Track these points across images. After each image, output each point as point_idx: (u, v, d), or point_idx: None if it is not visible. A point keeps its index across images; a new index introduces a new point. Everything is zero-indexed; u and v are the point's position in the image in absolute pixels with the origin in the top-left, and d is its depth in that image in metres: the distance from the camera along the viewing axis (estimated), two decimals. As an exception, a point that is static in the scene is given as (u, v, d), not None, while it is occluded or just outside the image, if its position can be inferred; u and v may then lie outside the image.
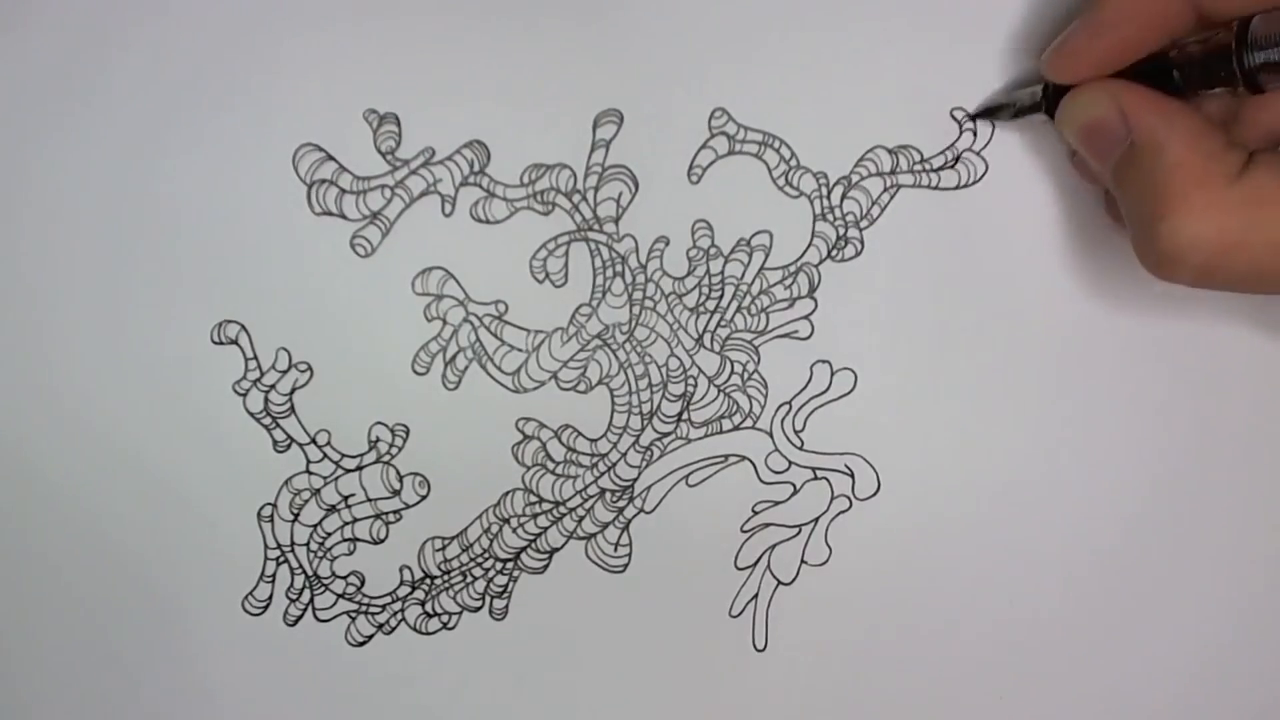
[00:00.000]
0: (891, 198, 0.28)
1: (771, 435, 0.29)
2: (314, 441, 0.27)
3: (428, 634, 0.28)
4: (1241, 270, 0.23)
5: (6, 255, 0.25)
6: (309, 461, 0.27)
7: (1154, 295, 0.29)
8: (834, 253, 0.28)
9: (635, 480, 0.28)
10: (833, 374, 0.29)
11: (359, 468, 0.27)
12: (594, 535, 0.28)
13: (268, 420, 0.26)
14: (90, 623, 0.26)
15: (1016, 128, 0.27)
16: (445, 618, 0.28)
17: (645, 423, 0.28)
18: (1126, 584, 0.31)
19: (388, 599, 0.28)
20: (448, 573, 0.28)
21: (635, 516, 0.28)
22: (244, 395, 0.26)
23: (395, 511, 0.27)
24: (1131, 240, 0.24)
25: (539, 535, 0.28)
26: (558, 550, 0.28)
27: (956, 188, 0.28)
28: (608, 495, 0.28)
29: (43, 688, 0.27)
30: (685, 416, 0.28)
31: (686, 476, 0.29)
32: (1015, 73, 0.28)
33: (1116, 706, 0.32)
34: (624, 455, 0.28)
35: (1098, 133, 0.25)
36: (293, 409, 0.26)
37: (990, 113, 0.28)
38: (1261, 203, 0.23)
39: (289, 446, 0.26)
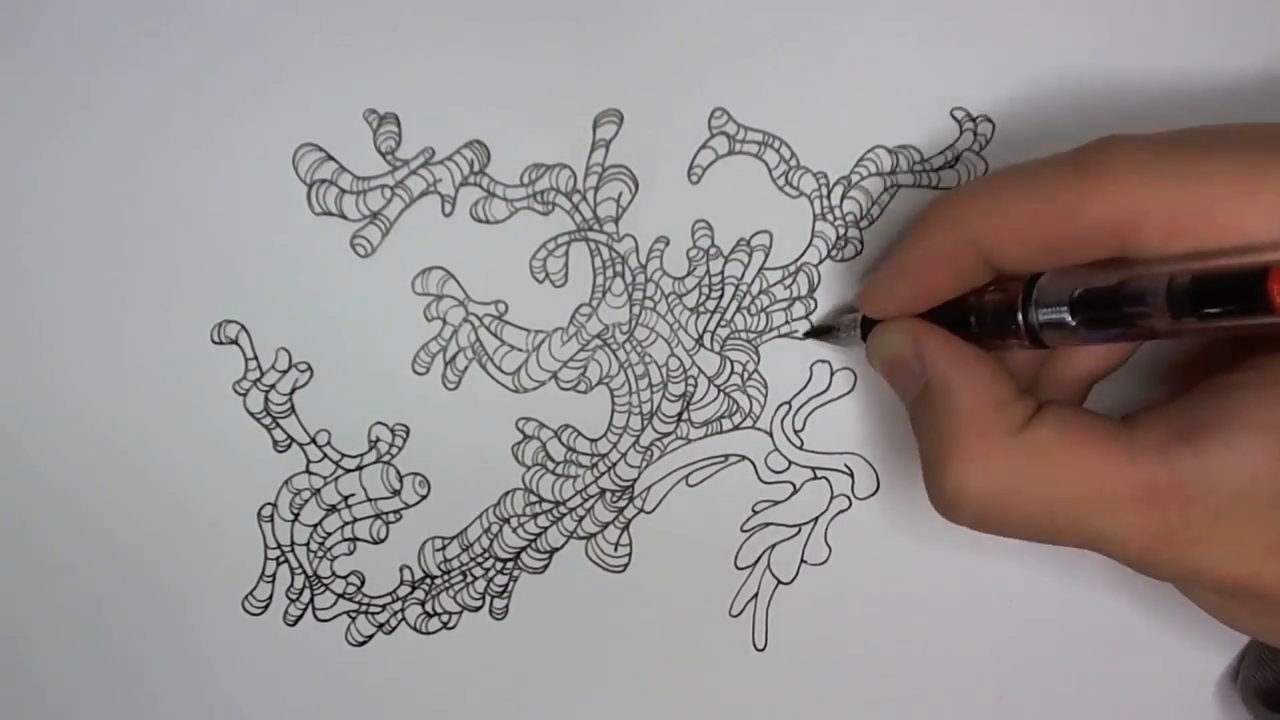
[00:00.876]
0: (891, 198, 0.28)
1: (771, 435, 0.29)
2: (314, 441, 0.27)
3: (428, 634, 0.28)
4: (1015, 521, 0.23)
5: (7, 255, 0.24)
6: (309, 461, 0.27)
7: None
8: (834, 253, 0.28)
9: (635, 480, 0.28)
10: (833, 374, 0.29)
11: (359, 468, 0.27)
12: (594, 535, 0.28)
13: (268, 420, 0.26)
14: (90, 622, 0.26)
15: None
16: (445, 617, 0.28)
17: (645, 423, 0.28)
18: (1127, 583, 0.31)
19: (388, 599, 0.28)
20: (448, 573, 0.28)
21: (635, 516, 0.28)
22: (244, 395, 0.26)
23: (395, 511, 0.27)
24: (925, 484, 0.24)
25: (539, 535, 0.28)
26: (558, 550, 0.28)
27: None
28: (608, 495, 0.28)
29: (42, 687, 0.27)
30: (685, 416, 0.28)
31: (686, 476, 0.29)
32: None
33: (1116, 706, 0.32)
34: (624, 455, 0.28)
35: (897, 370, 0.26)
36: (293, 409, 0.26)
37: (818, 334, 0.28)
38: (1037, 457, 0.23)
39: (289, 446, 0.26)
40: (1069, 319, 0.23)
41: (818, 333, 0.28)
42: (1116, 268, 0.22)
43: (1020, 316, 0.24)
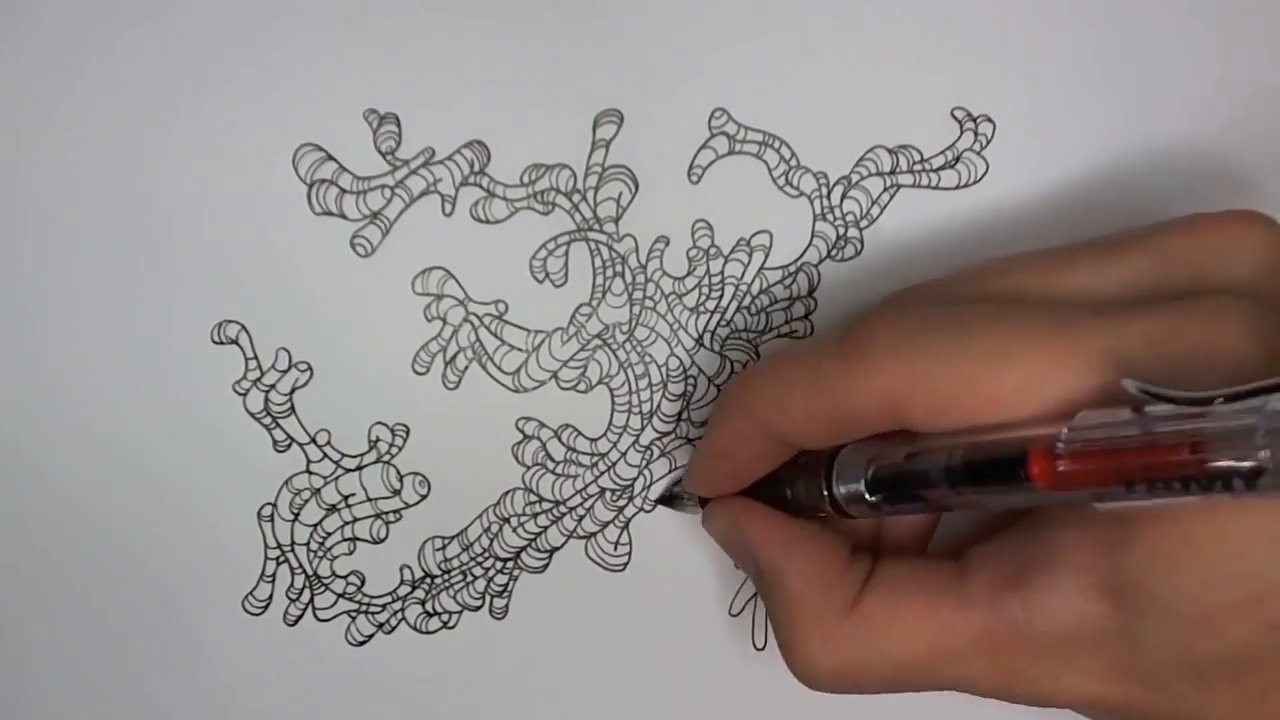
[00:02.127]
0: (891, 198, 0.28)
1: (771, 435, 0.29)
2: (314, 441, 0.27)
3: (428, 633, 0.28)
4: (871, 686, 0.24)
5: (5, 255, 0.24)
6: (309, 461, 0.27)
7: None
8: (834, 253, 0.28)
9: (635, 480, 0.28)
10: (833, 374, 0.29)
11: (359, 467, 0.27)
12: (594, 535, 0.28)
13: (268, 420, 0.26)
14: (89, 622, 0.26)
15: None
16: (445, 617, 0.28)
17: (645, 422, 0.28)
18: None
19: (388, 598, 0.28)
20: (448, 572, 0.28)
21: (635, 516, 0.29)
22: (244, 395, 0.26)
23: (395, 511, 0.27)
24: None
25: (539, 535, 0.28)
26: (558, 549, 0.28)
27: (956, 188, 0.28)
28: (608, 495, 0.28)
29: (42, 687, 0.27)
30: (685, 416, 0.28)
31: (686, 476, 0.29)
32: None
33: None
34: (624, 455, 0.28)
35: (731, 549, 0.27)
36: (293, 409, 0.26)
37: (665, 502, 0.29)
38: (872, 631, 0.24)
39: (289, 446, 0.26)
40: (867, 496, 0.24)
41: (664, 501, 0.29)
42: (908, 440, 0.23)
43: (825, 492, 0.25)
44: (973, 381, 0.22)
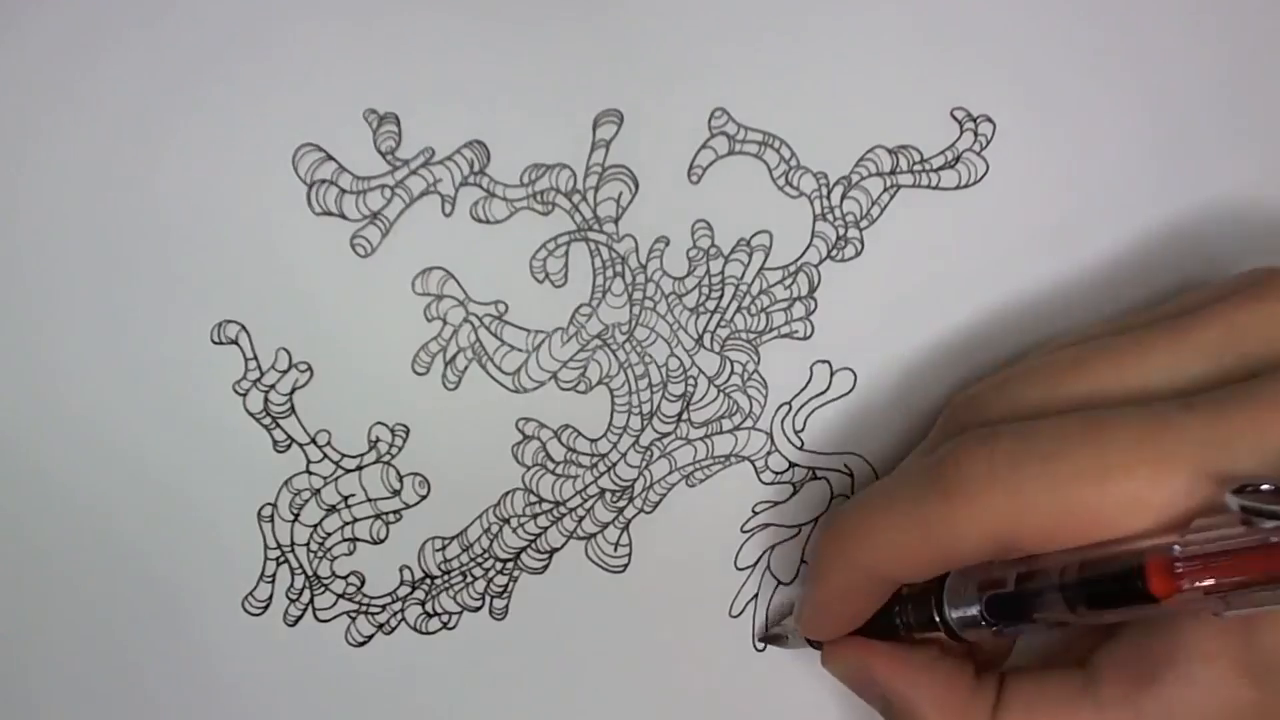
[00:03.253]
0: (891, 198, 0.28)
1: (771, 435, 0.29)
2: (314, 441, 0.27)
3: (428, 634, 0.28)
4: None
5: (4, 255, 0.24)
6: (309, 461, 0.27)
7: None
8: (834, 253, 0.28)
9: (635, 480, 0.28)
10: (833, 374, 0.29)
11: (359, 468, 0.27)
12: (594, 535, 0.28)
13: (268, 420, 0.26)
14: (90, 622, 0.26)
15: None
16: (445, 618, 0.28)
17: (645, 423, 0.28)
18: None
19: (388, 599, 0.28)
20: (448, 573, 0.28)
21: (635, 516, 0.28)
22: (244, 395, 0.26)
23: (395, 511, 0.27)
24: None
25: (539, 535, 0.28)
26: (558, 550, 0.28)
27: (956, 188, 0.28)
28: (608, 495, 0.28)
29: (42, 687, 0.27)
30: (685, 416, 0.28)
31: (686, 476, 0.29)
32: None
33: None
34: (624, 455, 0.28)
35: (858, 687, 0.27)
36: (293, 409, 0.26)
37: (771, 640, 0.29)
38: None
39: (289, 446, 0.26)
40: (981, 619, 0.24)
41: (770, 640, 0.29)
42: (1017, 562, 0.23)
43: (938, 619, 0.25)
44: (1079, 505, 0.22)
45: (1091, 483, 0.22)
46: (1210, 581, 0.20)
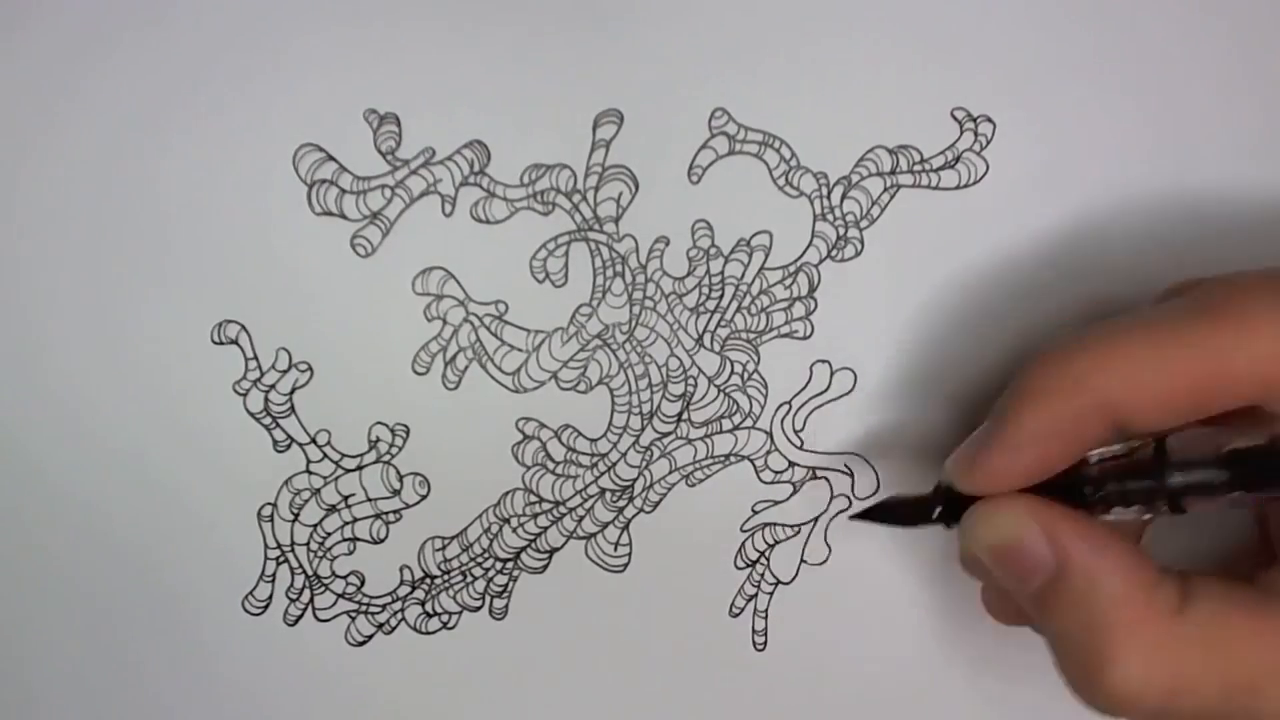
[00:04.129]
0: (891, 198, 0.28)
1: (771, 435, 0.29)
2: (314, 441, 0.27)
3: (428, 634, 0.28)
4: (1189, 711, 0.22)
5: (5, 256, 0.24)
6: (309, 461, 0.27)
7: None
8: (834, 253, 0.28)
9: (635, 480, 0.28)
10: (833, 374, 0.29)
11: (359, 467, 0.27)
12: (594, 535, 0.28)
13: (268, 420, 0.26)
14: (90, 622, 0.26)
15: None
16: (445, 617, 0.28)
17: (645, 423, 0.28)
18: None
19: (388, 599, 0.28)
20: (448, 572, 0.28)
21: (635, 516, 0.28)
22: (244, 395, 0.26)
23: (395, 511, 0.27)
24: (1065, 675, 0.23)
25: (539, 535, 0.28)
26: (558, 550, 0.28)
27: (956, 188, 0.28)
28: (608, 495, 0.28)
29: (42, 687, 0.27)
30: (685, 416, 0.28)
31: (686, 476, 0.29)
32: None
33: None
34: (624, 455, 0.28)
35: (1016, 557, 0.23)
36: (293, 409, 0.26)
37: (876, 514, 0.26)
38: (1210, 643, 0.21)
39: (289, 446, 0.26)
40: (1222, 480, 0.21)
41: (872, 514, 0.26)
42: (1243, 422, 0.21)
43: (1158, 482, 0.22)
44: None
45: None
46: None
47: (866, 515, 0.27)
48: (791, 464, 0.29)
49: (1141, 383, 0.21)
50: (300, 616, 0.27)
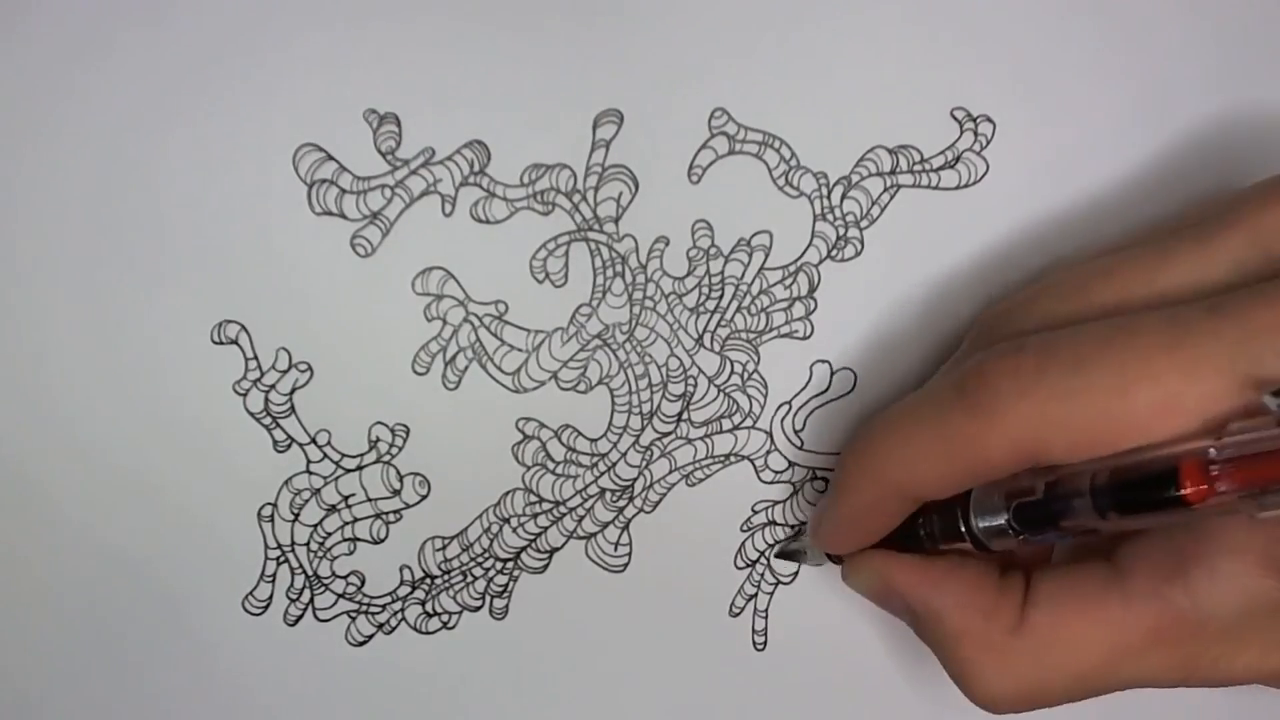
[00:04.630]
0: (891, 198, 0.28)
1: (771, 435, 0.29)
2: (314, 441, 0.27)
3: (428, 634, 0.28)
4: (1055, 699, 0.25)
5: (4, 256, 0.24)
6: (309, 461, 0.27)
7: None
8: (834, 253, 0.28)
9: (635, 480, 0.28)
10: (833, 374, 0.29)
11: (359, 467, 0.27)
12: (594, 535, 0.28)
13: (268, 420, 0.26)
14: (90, 623, 0.26)
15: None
16: (445, 617, 0.28)
17: (645, 423, 0.28)
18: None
19: (388, 599, 0.28)
20: (448, 572, 0.28)
21: (635, 516, 0.29)
22: (244, 395, 0.26)
23: (395, 511, 0.27)
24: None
25: (539, 535, 0.28)
26: (558, 550, 0.28)
27: (956, 188, 0.28)
28: (608, 495, 0.28)
29: (42, 687, 0.27)
30: (685, 416, 0.28)
31: (686, 476, 0.29)
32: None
33: (1115, 707, 0.32)
34: (624, 455, 0.28)
35: (881, 600, 0.27)
36: (293, 409, 0.26)
37: (786, 557, 0.29)
38: (1046, 647, 0.24)
39: (289, 446, 0.26)
40: (1009, 529, 0.24)
41: (786, 555, 0.29)
42: (1043, 472, 0.23)
43: (964, 529, 0.25)
44: (1108, 412, 0.21)
45: (1118, 392, 0.21)
46: (1241, 485, 0.20)
47: (784, 557, 0.30)
48: (791, 464, 0.29)
49: (923, 470, 0.24)
50: (300, 616, 0.27)
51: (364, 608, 0.28)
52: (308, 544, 0.27)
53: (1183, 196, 0.30)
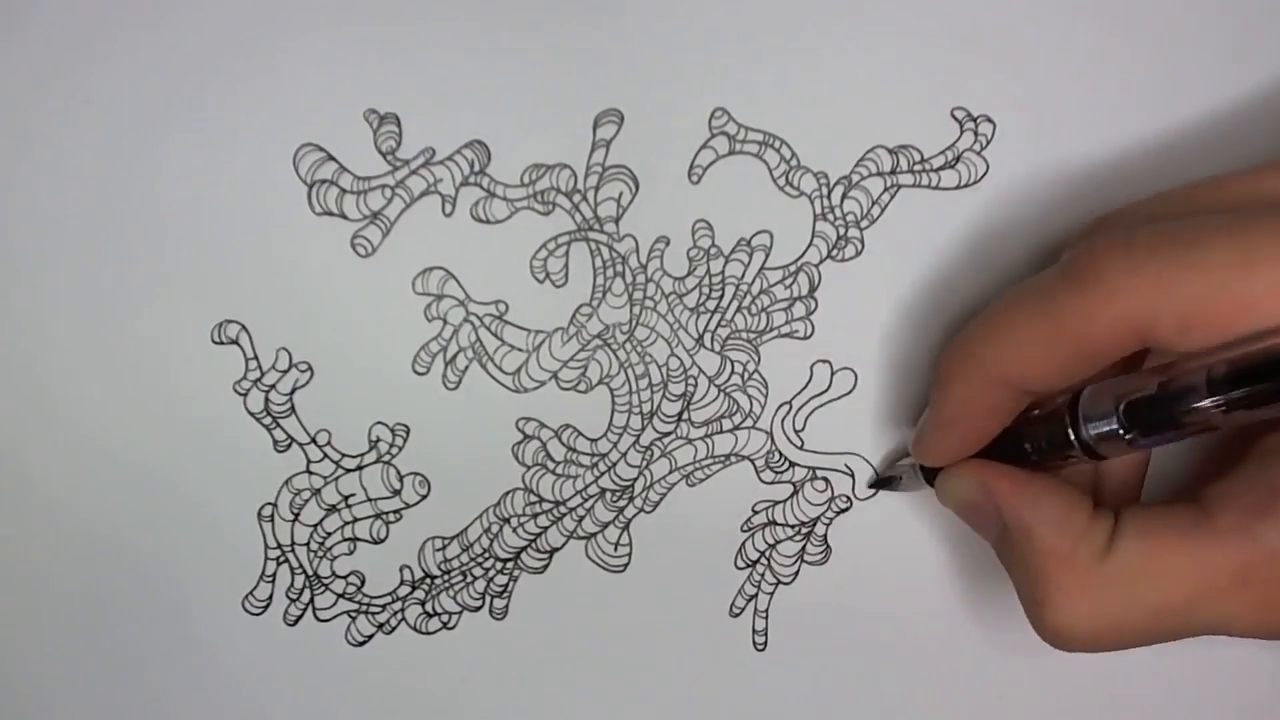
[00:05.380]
0: (892, 198, 0.28)
1: (771, 435, 0.29)
2: (314, 441, 0.27)
3: (428, 634, 0.28)
4: (1128, 639, 0.24)
5: (5, 256, 0.24)
6: (309, 461, 0.27)
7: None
8: (834, 253, 0.28)
9: (635, 480, 0.28)
10: (833, 374, 0.29)
11: (359, 467, 0.27)
12: (594, 535, 0.28)
13: (268, 420, 0.26)
14: (91, 622, 0.26)
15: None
16: (445, 617, 0.28)
17: (645, 423, 0.28)
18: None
19: (388, 599, 0.28)
20: (448, 572, 0.28)
21: (635, 516, 0.29)
22: (244, 395, 0.26)
23: (395, 511, 0.27)
24: (1024, 610, 0.25)
25: (539, 535, 0.28)
26: (558, 550, 0.28)
27: (956, 188, 0.28)
28: (608, 495, 0.28)
29: (43, 687, 0.27)
30: (685, 416, 0.28)
31: (686, 476, 0.29)
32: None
33: (1115, 707, 0.32)
34: (624, 455, 0.28)
35: (973, 513, 0.26)
36: (293, 409, 0.26)
37: (883, 485, 0.29)
38: (1132, 578, 0.24)
39: (289, 446, 0.26)
40: (1121, 431, 0.23)
41: (882, 484, 0.29)
42: (1158, 368, 0.23)
43: (1073, 437, 0.24)
44: (1221, 289, 0.21)
45: (1236, 268, 0.21)
46: None
47: (878, 486, 0.29)
48: (791, 464, 0.29)
49: (1028, 356, 0.23)
50: (300, 616, 0.27)
51: (364, 608, 0.28)
52: (308, 544, 0.27)
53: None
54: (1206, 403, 0.21)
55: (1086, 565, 0.24)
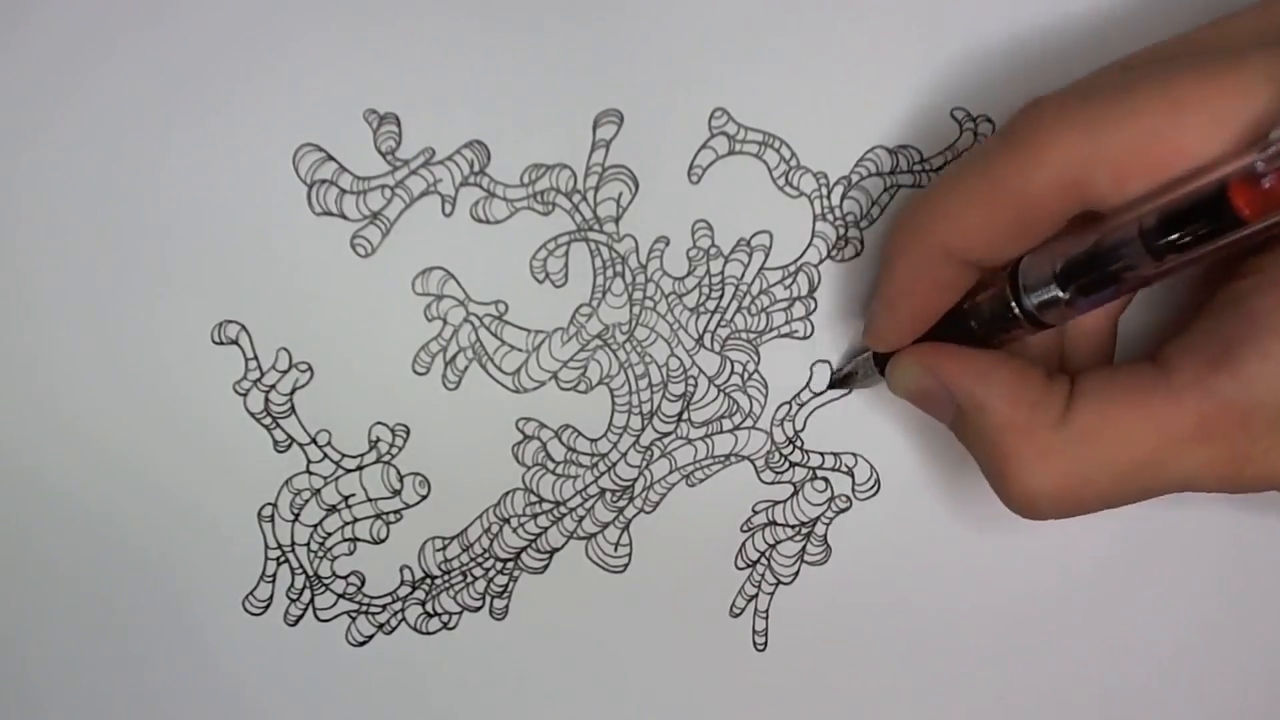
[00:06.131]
0: (891, 198, 0.28)
1: (771, 435, 0.29)
2: (314, 441, 0.27)
3: (428, 634, 0.28)
4: (1093, 501, 0.24)
5: (5, 255, 0.25)
6: (309, 461, 0.27)
7: (1149, 290, 0.29)
8: (834, 253, 0.28)
9: (635, 480, 0.28)
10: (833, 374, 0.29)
11: (359, 468, 0.27)
12: (594, 535, 0.28)
13: (268, 420, 0.26)
14: (91, 623, 0.26)
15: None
16: (445, 618, 0.28)
17: (645, 423, 0.28)
18: (1126, 582, 0.31)
19: (388, 599, 0.28)
20: (448, 573, 0.28)
21: (635, 516, 0.29)
22: (244, 395, 0.26)
23: (395, 511, 0.27)
24: (991, 487, 0.25)
25: (539, 535, 0.28)
26: (558, 550, 0.28)
27: (956, 188, 0.28)
28: (608, 495, 0.28)
29: (43, 687, 0.27)
30: (685, 416, 0.28)
31: (686, 476, 0.29)
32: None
33: (1115, 707, 0.32)
34: (624, 455, 0.28)
35: (925, 398, 0.26)
36: (293, 409, 0.26)
37: (839, 383, 0.29)
38: (1091, 440, 0.23)
39: (289, 446, 0.26)
40: (1060, 294, 0.23)
41: (837, 383, 0.29)
42: (1092, 228, 0.22)
43: (1015, 307, 0.24)
44: (1153, 134, 0.21)
45: (1166, 113, 0.21)
46: None
47: (836, 386, 0.29)
48: (791, 464, 0.29)
49: (968, 223, 0.23)
50: (301, 616, 0.27)
51: (364, 608, 0.28)
52: (308, 544, 0.27)
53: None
54: (1141, 253, 0.21)
55: (1044, 433, 0.24)
